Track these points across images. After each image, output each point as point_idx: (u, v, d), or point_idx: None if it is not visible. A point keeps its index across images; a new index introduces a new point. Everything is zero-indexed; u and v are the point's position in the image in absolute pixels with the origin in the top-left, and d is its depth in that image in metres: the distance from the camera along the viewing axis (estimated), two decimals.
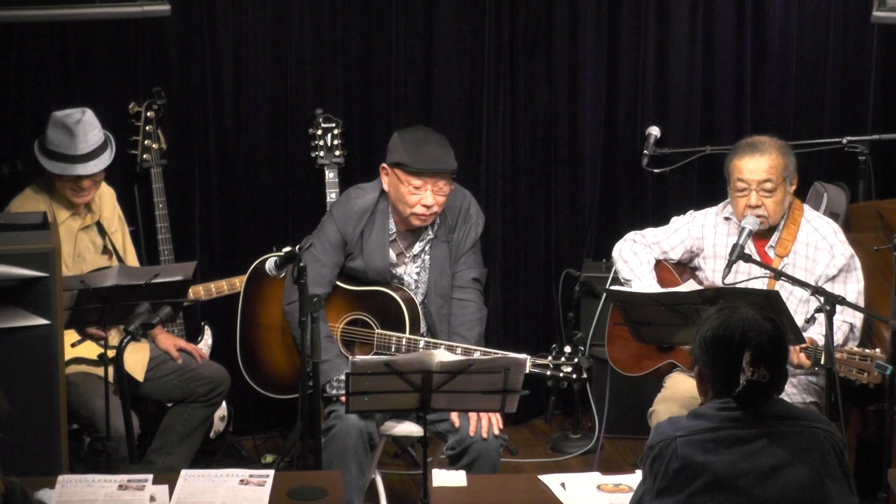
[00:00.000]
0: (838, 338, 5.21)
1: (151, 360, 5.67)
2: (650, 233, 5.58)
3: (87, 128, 5.52)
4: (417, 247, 5.55)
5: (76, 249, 5.59)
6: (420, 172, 5.37)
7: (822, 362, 4.99)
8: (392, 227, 5.52)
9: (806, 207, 5.48)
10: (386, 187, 5.48)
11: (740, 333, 3.54)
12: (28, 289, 4.63)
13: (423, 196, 5.39)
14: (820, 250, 5.35)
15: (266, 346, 5.76)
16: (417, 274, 5.55)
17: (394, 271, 5.53)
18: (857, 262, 5.36)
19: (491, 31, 6.65)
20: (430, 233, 5.54)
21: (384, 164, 5.47)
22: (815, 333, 5.14)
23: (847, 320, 5.28)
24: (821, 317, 4.93)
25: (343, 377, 4.99)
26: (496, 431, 5.25)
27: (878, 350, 5.09)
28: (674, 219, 5.61)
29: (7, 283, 4.61)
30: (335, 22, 6.53)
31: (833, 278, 5.29)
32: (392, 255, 5.53)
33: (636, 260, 5.50)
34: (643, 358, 5.48)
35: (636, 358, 5.49)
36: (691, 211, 5.60)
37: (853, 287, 5.32)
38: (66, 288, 4.96)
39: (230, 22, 6.42)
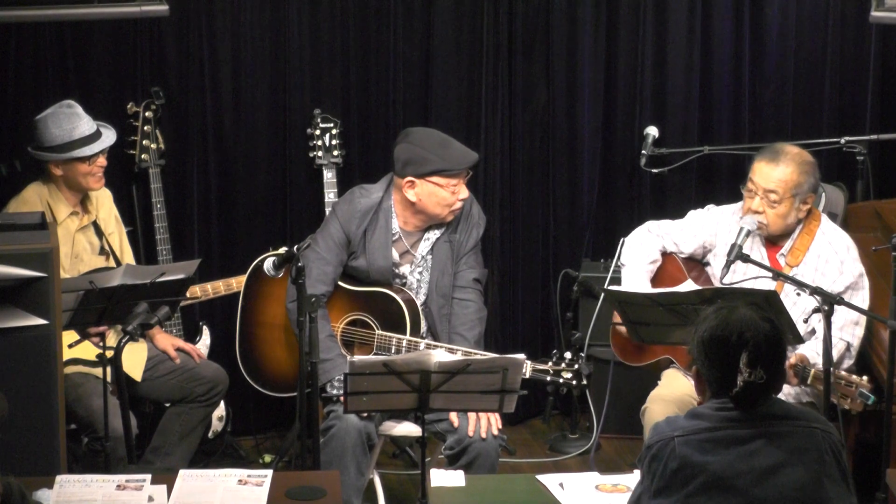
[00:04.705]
0: (833, 356, 5.19)
1: (149, 360, 5.67)
2: (665, 224, 5.58)
3: (79, 110, 5.59)
4: (420, 247, 5.54)
5: (73, 250, 5.59)
6: (460, 171, 5.40)
7: (809, 381, 5.01)
8: (395, 226, 5.52)
9: (824, 219, 5.44)
10: (413, 199, 5.44)
11: (738, 334, 3.54)
12: (27, 289, 4.63)
13: (461, 191, 5.43)
14: (830, 264, 5.32)
15: (266, 344, 5.75)
16: (420, 274, 5.55)
17: (396, 271, 5.53)
18: (866, 282, 5.32)
19: (489, 32, 6.64)
20: (433, 233, 5.54)
21: (411, 178, 5.42)
22: (810, 350, 5.12)
23: (844, 338, 5.26)
24: (819, 328, 4.90)
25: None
26: (495, 431, 5.25)
27: (864, 378, 5.06)
28: (691, 212, 5.61)
29: (6, 283, 4.60)
30: (333, 22, 6.53)
31: (838, 294, 5.26)
32: (395, 254, 5.53)
33: (641, 250, 5.50)
34: (645, 349, 5.48)
35: (638, 347, 5.48)
36: (710, 205, 5.60)
37: (858, 305, 5.27)
38: (73, 289, 4.96)
39: (228, 22, 6.42)
